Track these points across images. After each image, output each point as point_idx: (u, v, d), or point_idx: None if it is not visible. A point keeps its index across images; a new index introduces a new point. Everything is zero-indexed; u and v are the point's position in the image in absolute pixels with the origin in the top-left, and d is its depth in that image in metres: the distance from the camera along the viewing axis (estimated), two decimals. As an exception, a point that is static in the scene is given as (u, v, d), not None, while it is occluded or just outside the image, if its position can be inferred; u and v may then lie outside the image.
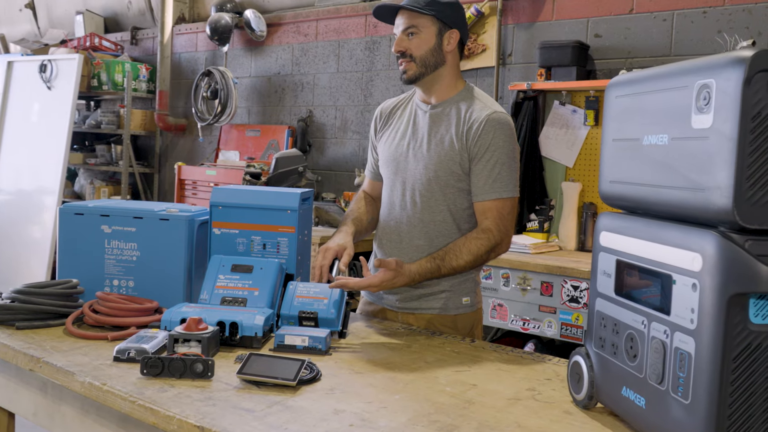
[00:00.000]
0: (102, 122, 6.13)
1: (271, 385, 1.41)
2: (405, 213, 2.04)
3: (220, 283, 1.88)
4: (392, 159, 2.08)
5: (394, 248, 2.04)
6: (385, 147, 2.12)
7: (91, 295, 1.90)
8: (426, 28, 1.96)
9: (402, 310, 2.05)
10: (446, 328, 2.01)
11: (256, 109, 5.42)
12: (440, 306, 2.01)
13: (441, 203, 1.99)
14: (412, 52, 1.96)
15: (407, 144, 2.05)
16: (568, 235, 3.61)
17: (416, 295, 2.03)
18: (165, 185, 6.16)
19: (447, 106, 2.02)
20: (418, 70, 1.97)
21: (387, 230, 2.09)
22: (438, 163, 1.97)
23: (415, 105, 2.09)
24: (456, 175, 1.97)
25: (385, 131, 2.15)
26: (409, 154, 2.04)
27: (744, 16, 3.22)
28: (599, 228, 1.33)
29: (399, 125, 2.11)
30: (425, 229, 2.00)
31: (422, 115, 2.05)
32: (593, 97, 3.59)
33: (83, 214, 1.99)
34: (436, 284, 2.01)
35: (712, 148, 1.01)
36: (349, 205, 2.23)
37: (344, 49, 4.85)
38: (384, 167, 2.12)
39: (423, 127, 2.04)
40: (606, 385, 1.29)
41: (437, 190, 1.98)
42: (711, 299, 1.00)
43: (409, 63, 1.97)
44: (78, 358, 1.54)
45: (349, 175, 4.78)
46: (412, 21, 1.96)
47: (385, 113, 2.17)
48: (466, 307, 2.04)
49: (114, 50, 6.32)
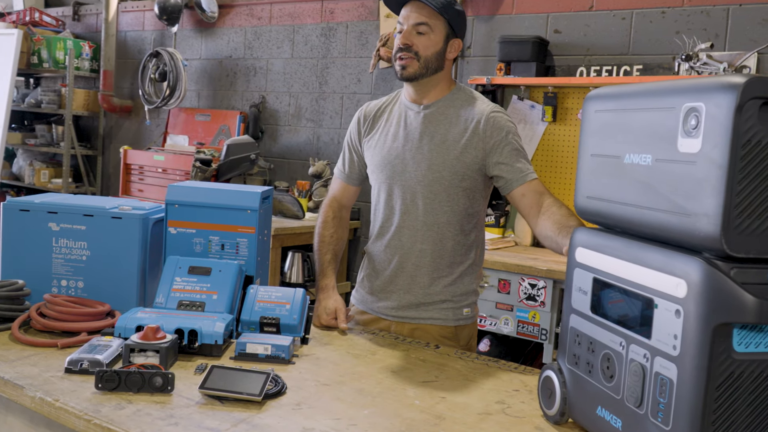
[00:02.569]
0: (42, 101, 5.87)
1: (234, 400, 1.35)
2: (407, 217, 1.96)
3: (177, 285, 1.80)
4: (386, 163, 2.00)
5: (396, 255, 1.98)
6: (375, 152, 2.03)
7: (37, 296, 1.80)
8: (437, 29, 1.90)
9: (397, 319, 1.99)
10: (446, 340, 1.96)
11: (207, 93, 5.27)
12: (440, 317, 1.96)
13: (445, 204, 1.93)
14: (419, 50, 1.90)
15: (402, 147, 1.98)
16: (523, 230, 3.62)
17: (413, 304, 1.97)
18: (109, 168, 5.95)
19: (441, 106, 1.96)
20: (420, 70, 1.91)
21: (385, 237, 2.01)
22: (441, 163, 1.92)
23: (403, 106, 2.02)
24: (459, 175, 1.91)
25: (372, 136, 2.06)
26: (406, 156, 1.96)
27: (702, 18, 3.26)
28: (575, 243, 1.31)
29: (388, 128, 2.03)
30: (429, 233, 1.94)
31: (414, 115, 1.99)
32: (551, 93, 3.60)
33: (29, 211, 1.87)
34: (436, 294, 1.96)
35: (699, 173, 1.00)
36: (318, 224, 2.13)
37: (299, 34, 4.75)
38: (375, 173, 2.04)
39: (417, 128, 1.97)
40: (579, 403, 1.27)
41: (441, 191, 1.93)
42: (696, 327, 0.99)
43: (412, 60, 1.90)
44: (27, 369, 1.45)
45: (303, 164, 4.70)
46: (428, 18, 1.89)
47: (369, 116, 2.09)
48: (467, 318, 2.00)
49: (55, 26, 6.06)
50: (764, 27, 3.11)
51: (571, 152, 3.62)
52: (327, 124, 4.63)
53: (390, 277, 2.00)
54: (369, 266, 2.07)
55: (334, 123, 4.60)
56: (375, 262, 2.04)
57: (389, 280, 2.00)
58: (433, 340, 1.93)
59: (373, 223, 2.07)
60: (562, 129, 3.64)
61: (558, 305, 3.03)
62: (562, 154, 3.65)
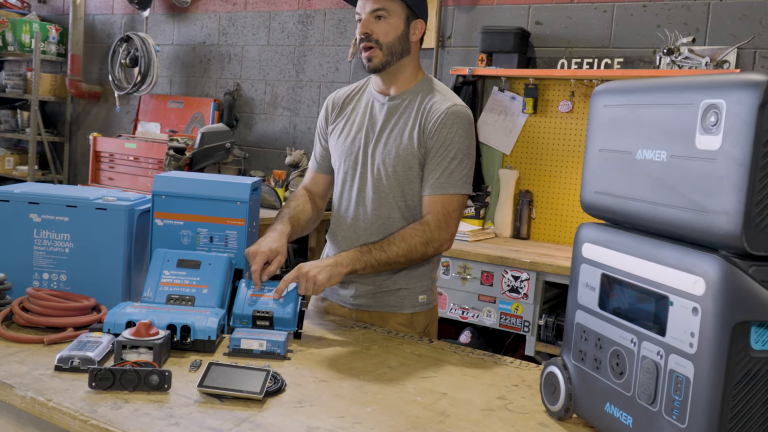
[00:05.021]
0: (7, 86, 5.70)
1: (234, 398, 1.32)
2: (361, 209, 1.96)
3: (165, 279, 1.75)
4: (348, 153, 1.99)
5: (350, 245, 1.96)
6: (339, 140, 2.02)
7: (18, 289, 1.74)
8: (395, 13, 1.87)
9: (356, 307, 1.99)
10: (402, 327, 1.96)
11: (179, 80, 5.17)
12: (396, 304, 1.96)
13: (399, 199, 1.92)
14: (379, 38, 1.86)
15: (364, 137, 1.96)
16: (503, 222, 3.63)
17: (370, 292, 1.97)
18: (77, 155, 5.81)
19: (405, 98, 1.94)
20: (385, 59, 1.88)
21: (343, 226, 2.00)
22: (396, 158, 1.90)
23: (371, 96, 2.00)
24: (414, 170, 1.90)
25: (338, 123, 2.04)
26: (368, 148, 1.95)
27: (683, 12, 3.29)
28: (581, 239, 1.30)
29: (354, 117, 2.01)
30: (383, 226, 1.93)
31: (379, 107, 1.97)
32: (532, 85, 3.60)
33: (9, 201, 1.81)
34: (392, 282, 1.95)
35: (719, 171, 0.99)
36: (287, 201, 2.11)
37: (275, 21, 4.67)
38: (338, 161, 2.02)
39: (380, 120, 1.95)
40: (586, 399, 1.27)
41: (395, 185, 1.91)
42: (714, 325, 0.98)
43: (375, 50, 1.87)
44: (14, 366, 1.40)
45: (279, 153, 4.64)
46: (382, 3, 1.85)
47: (338, 104, 2.06)
48: (423, 305, 1.99)
49: (20, 8, 5.87)
50: (744, 22, 3.15)
51: (552, 144, 3.63)
52: (304, 113, 4.58)
53: None
54: (329, 254, 2.06)
55: (312, 112, 4.55)
56: (335, 250, 2.03)
57: None
58: (390, 328, 1.93)
59: (333, 212, 2.05)
60: (543, 121, 3.65)
61: (541, 297, 3.04)
62: (542, 146, 3.66)
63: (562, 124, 3.58)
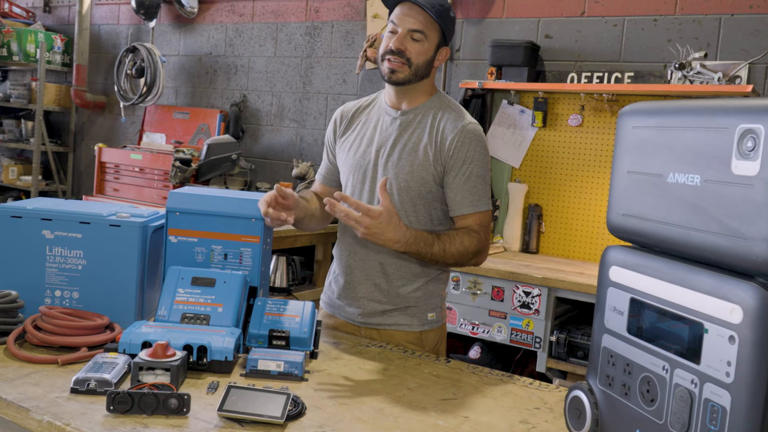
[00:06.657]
0: (11, 95, 5.69)
1: (254, 422, 1.29)
2: None
3: (180, 297, 1.73)
4: (358, 166, 1.97)
5: (357, 259, 1.95)
6: (348, 154, 2.00)
7: (30, 307, 1.72)
8: (431, 38, 1.88)
9: (364, 325, 1.97)
10: (411, 345, 1.94)
11: (185, 90, 5.16)
12: (405, 322, 1.94)
13: (410, 213, 1.91)
14: (411, 57, 1.86)
15: (375, 152, 1.95)
16: (512, 236, 3.60)
17: (380, 311, 1.96)
18: (80, 166, 5.80)
19: (418, 114, 1.93)
20: (409, 77, 1.88)
21: (350, 242, 1.99)
22: (410, 173, 1.89)
23: (381, 110, 1.99)
24: (428, 185, 1.89)
25: (347, 136, 2.03)
26: (378, 162, 1.94)
27: (694, 27, 3.28)
28: (609, 262, 1.28)
29: (364, 131, 2.00)
30: None
31: (390, 121, 1.95)
32: (542, 98, 3.58)
33: (21, 217, 1.79)
34: (401, 300, 1.94)
35: (757, 197, 0.97)
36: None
37: (282, 32, 4.67)
38: (347, 174, 2.01)
39: (392, 134, 1.94)
40: (614, 426, 1.24)
41: (407, 200, 1.90)
42: (752, 354, 0.96)
43: (403, 66, 1.87)
44: (29, 389, 1.37)
45: (286, 165, 4.63)
46: (424, 26, 1.86)
47: (347, 117, 2.05)
48: (432, 322, 1.98)
49: (26, 17, 5.87)
50: (755, 37, 3.14)
51: (561, 158, 3.61)
52: (311, 125, 4.56)
53: (355, 284, 1.98)
54: (336, 270, 2.05)
55: (319, 124, 4.53)
56: (341, 267, 2.01)
57: (354, 287, 1.98)
58: (399, 346, 1.91)
59: (340, 225, 2.03)
60: (552, 134, 3.63)
61: (553, 313, 3.01)
62: (551, 160, 3.64)
63: (572, 138, 3.57)
